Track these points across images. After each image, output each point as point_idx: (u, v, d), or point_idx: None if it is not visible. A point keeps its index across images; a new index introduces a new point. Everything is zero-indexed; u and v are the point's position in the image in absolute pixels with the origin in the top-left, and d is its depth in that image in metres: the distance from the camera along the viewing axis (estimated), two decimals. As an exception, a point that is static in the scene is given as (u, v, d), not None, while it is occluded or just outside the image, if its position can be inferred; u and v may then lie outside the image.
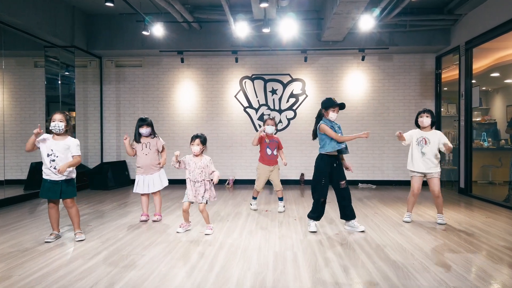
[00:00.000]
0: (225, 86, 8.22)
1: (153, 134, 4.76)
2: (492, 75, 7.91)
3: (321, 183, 4.14)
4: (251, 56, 8.11)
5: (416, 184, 4.57)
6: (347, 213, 4.17)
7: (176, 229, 4.18)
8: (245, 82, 8.19)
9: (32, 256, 3.33)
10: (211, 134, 8.23)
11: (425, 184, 4.61)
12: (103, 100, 8.33)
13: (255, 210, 5.38)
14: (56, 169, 3.67)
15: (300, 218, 4.86)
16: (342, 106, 4.14)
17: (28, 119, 8.18)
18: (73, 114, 7.77)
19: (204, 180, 4.05)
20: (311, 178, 8.30)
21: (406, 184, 7.96)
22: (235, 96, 8.20)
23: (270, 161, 5.28)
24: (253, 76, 8.17)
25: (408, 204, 4.72)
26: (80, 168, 7.77)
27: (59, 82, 7.18)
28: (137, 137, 4.71)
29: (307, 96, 8.13)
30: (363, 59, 7.72)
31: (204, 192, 4.05)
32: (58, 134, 3.74)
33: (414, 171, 4.55)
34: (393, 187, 7.84)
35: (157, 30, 6.93)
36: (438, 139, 4.46)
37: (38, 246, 3.61)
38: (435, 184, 4.47)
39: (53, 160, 3.71)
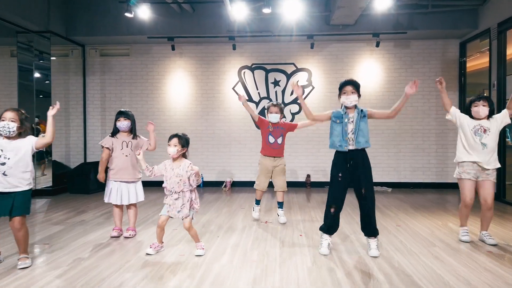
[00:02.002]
0: (221, 77, 7.34)
1: (134, 132, 3.90)
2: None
3: (331, 187, 3.32)
4: (250, 43, 7.22)
5: (468, 190, 3.56)
6: (365, 227, 3.28)
7: (146, 250, 3.32)
8: (244, 72, 7.31)
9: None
10: (207, 131, 7.37)
11: (444, 187, 3.71)
12: (86, 93, 7.49)
13: (256, 220, 4.51)
14: (6, 175, 2.87)
15: (306, 233, 3.99)
16: (347, 82, 3.24)
17: (4, 115, 7.36)
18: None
19: (182, 191, 3.19)
20: (318, 180, 7.51)
21: (425, 187, 7.06)
22: (233, 89, 7.33)
23: (272, 151, 4.39)
24: (253, 66, 7.29)
25: (460, 218, 3.74)
26: (59, 169, 6.97)
27: (34, 71, 6.34)
28: (114, 130, 3.88)
29: (313, 88, 7.24)
30: (377, 45, 6.80)
31: (182, 207, 3.18)
32: (8, 137, 2.95)
33: (467, 163, 3.52)
34: (411, 190, 6.94)
35: (143, 12, 6.07)
36: (500, 121, 3.53)
37: (-34, 277, 2.78)
38: (489, 191, 3.50)
39: (3, 164, 2.88)
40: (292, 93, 7.26)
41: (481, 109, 3.50)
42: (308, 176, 7.21)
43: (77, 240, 3.74)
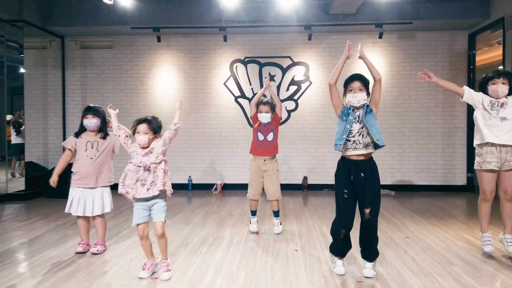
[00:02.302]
0: (212, 71, 6.80)
1: (104, 131, 3.35)
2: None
3: (337, 205, 2.75)
4: (243, 34, 6.68)
5: (488, 182, 3.10)
6: (365, 251, 2.76)
7: (139, 273, 2.75)
8: (237, 66, 6.78)
9: None
10: (196, 129, 6.83)
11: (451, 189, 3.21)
12: (66, 89, 6.93)
13: (254, 233, 3.95)
14: None
15: (303, 247, 3.47)
16: (354, 78, 2.72)
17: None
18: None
19: (154, 164, 2.65)
20: (315, 182, 7.00)
21: (431, 189, 6.56)
22: (225, 84, 6.79)
23: (262, 150, 3.88)
24: (246, 59, 6.75)
25: (480, 218, 3.24)
26: (35, 171, 6.42)
27: (5, 64, 5.79)
28: (80, 130, 3.33)
29: (311, 83, 6.71)
30: (380, 36, 6.28)
31: (151, 184, 2.62)
32: None
33: (485, 148, 3.07)
34: (416, 193, 6.44)
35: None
36: None
37: None
38: (510, 180, 3.04)
39: None
40: (288, 89, 6.73)
41: (500, 87, 3.03)
42: (305, 178, 6.69)
43: (38, 255, 3.21)
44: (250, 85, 6.74)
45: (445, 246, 3.48)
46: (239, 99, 6.77)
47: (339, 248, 2.77)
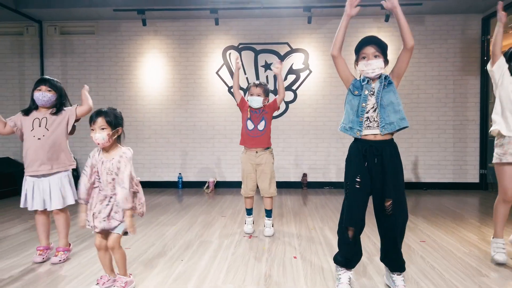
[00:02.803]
0: (203, 59, 6.27)
1: (57, 106, 2.78)
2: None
3: (346, 198, 2.20)
4: (236, 19, 6.15)
5: (510, 179, 2.57)
6: (389, 259, 2.24)
7: (92, 287, 2.26)
8: (230, 53, 6.25)
9: None
10: (186, 122, 6.31)
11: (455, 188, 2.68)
12: (45, 78, 6.38)
13: (248, 233, 3.48)
14: None
15: (302, 253, 2.95)
16: (367, 41, 2.17)
17: None
18: None
19: (115, 194, 2.14)
20: (316, 179, 6.48)
21: (440, 187, 6.05)
22: (217, 73, 6.27)
23: (252, 141, 3.37)
24: (240, 46, 6.22)
25: (496, 221, 2.72)
26: (9, 168, 5.89)
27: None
28: (31, 106, 2.77)
29: (311, 72, 6.19)
30: (386, 19, 5.77)
31: (109, 215, 2.12)
32: None
33: (508, 137, 2.57)
34: (424, 191, 5.93)
35: (104, -24, 4.98)
36: None
37: None
38: None
39: None
40: (286, 78, 6.20)
41: None
42: (305, 175, 6.17)
43: (-14, 266, 2.68)
44: (245, 74, 6.22)
45: (468, 252, 2.96)
46: (233, 90, 6.23)
47: (346, 254, 2.21)
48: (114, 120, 2.13)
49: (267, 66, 6.17)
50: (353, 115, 2.14)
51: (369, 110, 2.12)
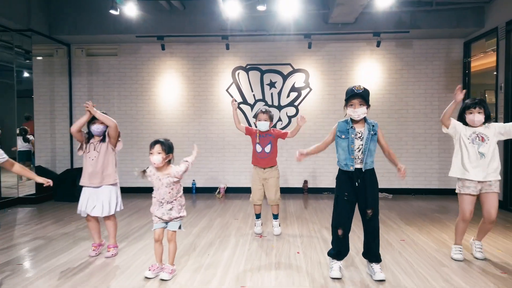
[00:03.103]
0: (214, 78, 7.01)
1: (104, 136, 3.49)
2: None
3: (336, 207, 2.97)
4: (245, 42, 6.88)
5: (468, 205, 3.25)
6: (368, 252, 2.98)
7: (145, 273, 2.98)
8: (239, 73, 6.98)
9: None
10: (199, 134, 7.04)
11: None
12: (72, 95, 7.13)
13: (258, 234, 4.18)
14: None
15: (304, 250, 3.68)
16: (355, 95, 2.83)
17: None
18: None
19: (174, 200, 2.91)
20: (316, 186, 7.19)
21: (427, 193, 6.77)
22: (227, 90, 7.00)
23: (261, 161, 4.07)
24: (248, 67, 6.96)
25: (456, 234, 3.43)
26: (45, 175, 6.58)
27: (14, 71, 5.97)
28: (88, 135, 3.49)
29: (311, 89, 6.91)
30: (378, 45, 6.49)
31: (170, 210, 2.94)
32: None
33: (467, 180, 3.21)
34: (412, 196, 6.65)
35: (130, 9, 5.71)
36: (496, 131, 3.18)
37: None
38: (494, 204, 3.18)
39: None
40: (288, 95, 6.93)
41: (476, 116, 3.17)
42: (306, 182, 6.89)
43: (52, 259, 3.40)
44: (252, 91, 6.95)
45: (437, 249, 3.68)
46: (241, 105, 6.97)
47: (336, 248, 2.96)
48: (168, 148, 2.87)
49: (272, 85, 6.90)
50: (346, 155, 2.86)
51: (355, 150, 2.84)
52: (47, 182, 3.09)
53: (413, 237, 4.12)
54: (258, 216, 4.25)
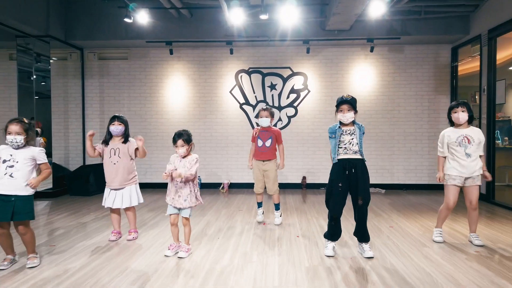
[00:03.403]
0: (219, 80, 7.47)
1: (126, 136, 3.93)
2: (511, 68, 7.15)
3: (330, 195, 3.44)
4: (247, 47, 7.35)
5: (452, 195, 3.73)
6: (359, 232, 3.44)
7: (164, 252, 3.45)
8: (241, 76, 7.44)
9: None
10: (204, 133, 7.49)
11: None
12: (85, 96, 7.57)
13: (261, 222, 4.62)
14: (13, 177, 2.99)
15: (303, 234, 4.14)
16: (343, 102, 3.30)
17: (3, 117, 7.44)
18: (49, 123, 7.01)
19: (186, 188, 3.34)
20: (313, 181, 7.66)
21: (417, 188, 7.24)
22: (230, 92, 7.46)
23: (261, 154, 4.48)
24: (250, 70, 7.42)
25: (438, 219, 3.92)
26: (59, 171, 7.05)
27: (33, 75, 6.42)
28: (107, 137, 3.92)
29: (309, 91, 7.39)
30: (371, 50, 6.96)
31: (187, 196, 3.34)
32: (17, 149, 3.06)
33: (453, 176, 3.68)
34: (404, 191, 7.12)
35: (142, 17, 6.17)
36: (479, 140, 3.65)
37: (-23, 279, 2.89)
38: (475, 194, 3.68)
39: (11, 166, 3.00)
40: (288, 97, 7.40)
41: (460, 115, 3.62)
42: (304, 178, 7.36)
43: (81, 242, 3.85)
44: (254, 93, 7.41)
45: (421, 234, 4.15)
46: (243, 106, 7.43)
47: (331, 231, 3.44)
48: (188, 138, 3.32)
49: (273, 87, 7.37)
50: (334, 150, 3.37)
51: (346, 143, 3.31)
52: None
53: (401, 224, 4.59)
54: (259, 205, 4.65)
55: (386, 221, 4.74)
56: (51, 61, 7.20)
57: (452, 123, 3.77)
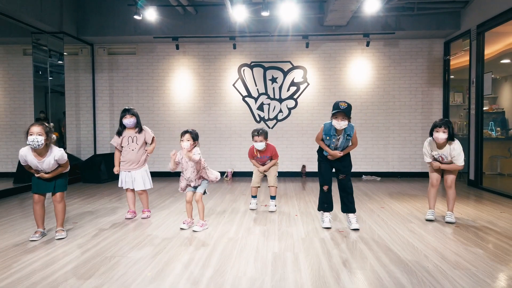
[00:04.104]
0: (222, 74, 7.85)
1: (139, 126, 4.36)
2: (503, 61, 7.51)
3: (319, 170, 3.93)
4: (249, 42, 7.72)
5: (434, 174, 4.20)
6: (344, 204, 3.86)
7: (180, 225, 3.88)
8: (244, 70, 7.82)
9: (12, 255, 3.02)
10: (209, 124, 7.89)
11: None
12: (95, 89, 7.97)
13: (253, 209, 4.81)
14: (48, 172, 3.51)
15: (301, 213, 4.54)
16: (339, 111, 3.60)
17: (18, 110, 7.87)
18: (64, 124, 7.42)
19: (199, 178, 3.77)
20: (313, 170, 8.06)
21: (412, 176, 7.64)
22: (233, 85, 7.84)
23: (261, 164, 4.80)
24: (252, 64, 7.80)
25: (429, 200, 4.30)
26: (73, 161, 7.41)
27: (48, 70, 6.81)
28: (120, 128, 4.34)
29: (308, 84, 7.76)
30: (367, 44, 7.32)
31: (195, 182, 3.79)
32: (37, 150, 3.40)
33: (431, 154, 4.17)
34: (398, 179, 7.51)
35: (150, 14, 6.55)
36: (452, 155, 4.04)
37: (20, 245, 3.30)
38: (451, 174, 4.11)
39: (46, 173, 3.50)
40: (288, 89, 7.77)
41: (440, 135, 3.93)
42: (304, 166, 7.75)
43: (100, 220, 4.27)
44: (256, 86, 7.79)
45: (409, 213, 4.55)
46: (246, 99, 7.82)
47: (323, 202, 3.88)
48: (195, 136, 3.72)
49: (274, 80, 7.75)
50: (329, 145, 3.78)
51: (336, 145, 3.75)
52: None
53: (391, 205, 4.99)
54: (254, 197, 4.82)
55: (378, 203, 5.14)
56: (65, 56, 7.60)
57: (432, 135, 4.08)
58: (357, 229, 3.75)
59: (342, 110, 3.60)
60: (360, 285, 2.50)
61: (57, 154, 3.46)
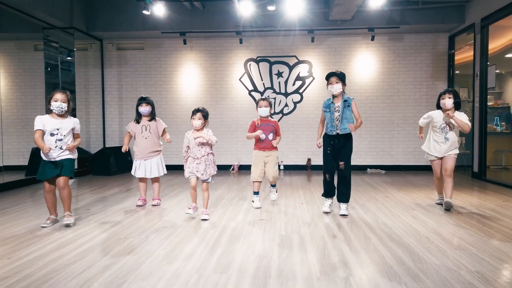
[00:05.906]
0: (229, 69, 7.97)
1: (153, 115, 4.51)
2: (508, 56, 7.55)
3: (323, 158, 4.05)
4: (256, 37, 7.82)
5: (436, 167, 4.35)
6: (341, 194, 3.94)
7: (186, 210, 3.97)
8: (250, 64, 7.93)
9: (26, 239, 3.17)
10: (215, 118, 8.01)
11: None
12: (104, 84, 8.13)
13: (258, 208, 4.34)
14: (62, 148, 3.57)
15: (307, 202, 4.65)
16: (331, 74, 3.77)
17: (29, 104, 8.03)
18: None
19: (204, 156, 3.85)
20: (318, 163, 8.16)
21: (417, 169, 7.71)
22: (240, 79, 7.95)
23: (264, 147, 4.39)
24: (258, 58, 7.90)
25: (435, 188, 4.56)
26: (82, 154, 7.62)
27: (59, 65, 6.97)
28: (137, 117, 4.49)
29: (314, 78, 7.85)
30: (372, 39, 7.40)
31: (204, 170, 3.84)
32: (59, 115, 3.58)
33: (432, 156, 4.31)
34: (403, 172, 7.59)
35: (158, 9, 6.68)
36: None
37: (33, 230, 3.45)
38: (449, 163, 4.18)
39: (60, 140, 3.56)
40: (294, 83, 7.87)
41: (447, 101, 4.09)
42: (309, 159, 7.85)
43: (112, 207, 4.41)
44: (262, 80, 7.90)
45: (412, 201, 4.64)
46: (252, 93, 7.93)
47: (326, 189, 4.01)
48: (205, 115, 3.83)
49: (279, 74, 7.85)
50: (330, 124, 3.86)
51: (335, 120, 3.82)
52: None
53: (395, 195, 5.08)
54: (257, 193, 4.38)
55: (383, 193, 5.23)
56: (73, 51, 7.76)
57: (439, 107, 4.24)
58: (345, 215, 3.88)
59: (334, 73, 3.74)
60: (364, 262, 2.60)
61: (76, 120, 3.69)
